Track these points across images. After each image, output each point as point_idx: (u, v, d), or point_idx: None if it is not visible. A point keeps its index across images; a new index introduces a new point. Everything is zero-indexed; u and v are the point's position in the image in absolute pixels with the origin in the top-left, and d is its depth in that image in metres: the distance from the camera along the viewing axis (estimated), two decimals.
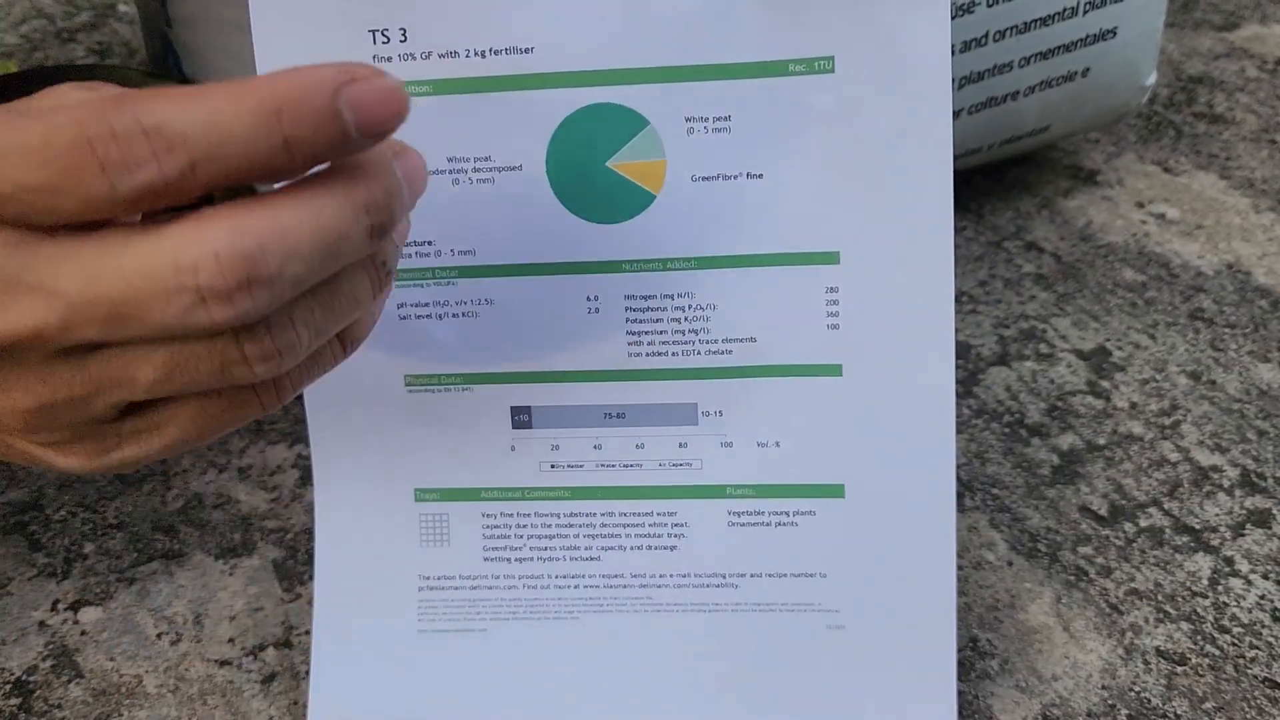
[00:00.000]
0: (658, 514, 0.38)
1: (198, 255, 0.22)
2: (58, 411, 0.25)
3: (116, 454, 0.27)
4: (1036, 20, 0.55)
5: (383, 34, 0.35)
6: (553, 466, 0.38)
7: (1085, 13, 0.56)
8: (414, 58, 0.35)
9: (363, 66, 0.23)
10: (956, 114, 0.57)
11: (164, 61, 0.59)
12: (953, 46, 0.54)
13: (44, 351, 0.23)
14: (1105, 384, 0.54)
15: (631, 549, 0.38)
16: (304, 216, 0.23)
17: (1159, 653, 0.42)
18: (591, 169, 0.36)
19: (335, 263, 0.24)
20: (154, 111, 0.21)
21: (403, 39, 0.35)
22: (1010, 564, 0.46)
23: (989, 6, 0.53)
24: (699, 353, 0.37)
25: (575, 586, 0.39)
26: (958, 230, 0.64)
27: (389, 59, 0.35)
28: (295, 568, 0.46)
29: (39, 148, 0.21)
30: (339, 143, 0.22)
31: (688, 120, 0.35)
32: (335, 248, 0.23)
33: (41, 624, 0.44)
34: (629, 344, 0.37)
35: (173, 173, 0.21)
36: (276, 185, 0.24)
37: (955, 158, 0.59)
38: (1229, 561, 0.46)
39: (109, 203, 0.21)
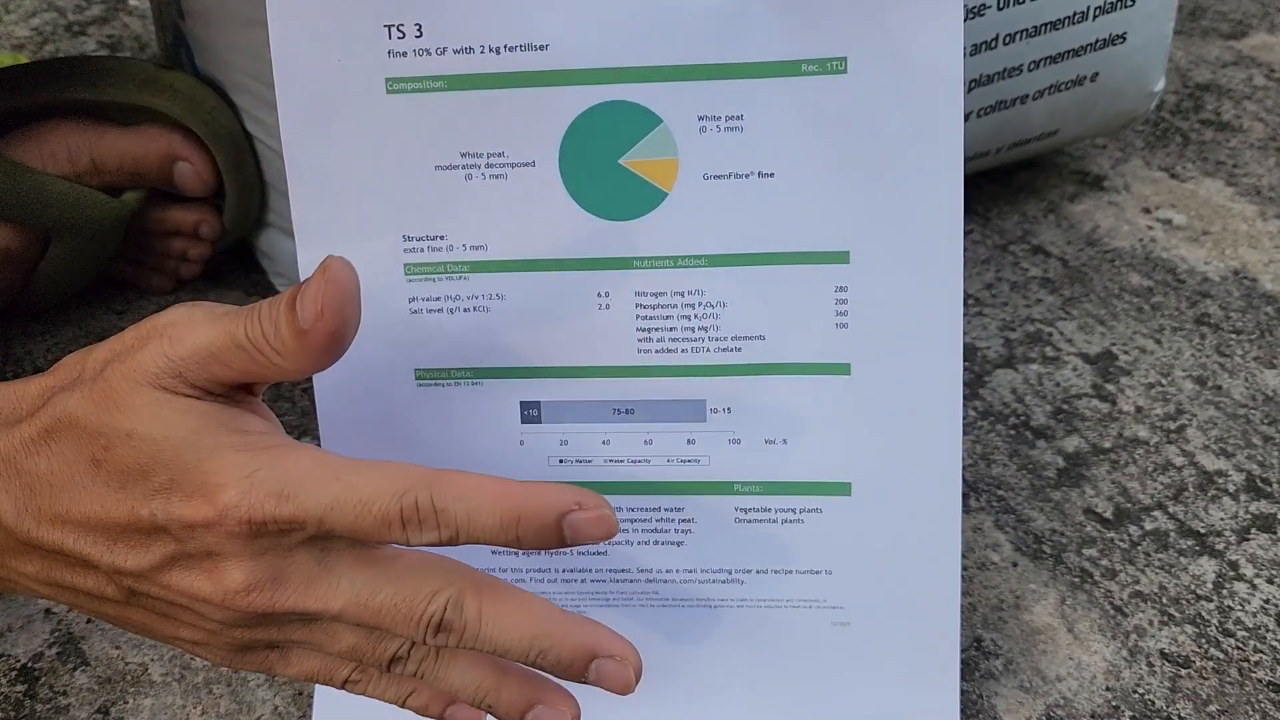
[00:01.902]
0: (665, 509, 0.38)
1: (439, 603, 0.30)
2: (260, 645, 0.32)
3: (250, 665, 0.33)
4: (1046, 24, 0.55)
5: (398, 29, 0.35)
6: (561, 461, 0.38)
7: (1095, 17, 0.56)
8: (429, 53, 0.35)
9: (590, 496, 0.30)
10: (965, 117, 0.57)
11: (176, 55, 0.59)
12: (963, 48, 0.54)
13: (319, 621, 0.31)
14: (1111, 388, 0.54)
15: (639, 544, 0.38)
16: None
17: (1163, 655, 0.42)
18: (604, 166, 0.36)
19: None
20: (443, 496, 0.29)
21: (418, 34, 0.35)
22: (1015, 565, 0.46)
23: (999, 10, 0.54)
24: (708, 350, 0.37)
25: (582, 580, 0.39)
26: (965, 233, 0.64)
27: (404, 54, 0.35)
28: None
29: (365, 504, 0.29)
30: (556, 546, 0.30)
31: (700, 119, 0.35)
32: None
33: (47, 611, 0.45)
34: (639, 340, 0.37)
35: (444, 540, 0.30)
36: None
37: (963, 160, 0.59)
38: (1234, 566, 0.46)
39: (399, 544, 0.30)
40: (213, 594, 0.30)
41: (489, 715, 0.33)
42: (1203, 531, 0.47)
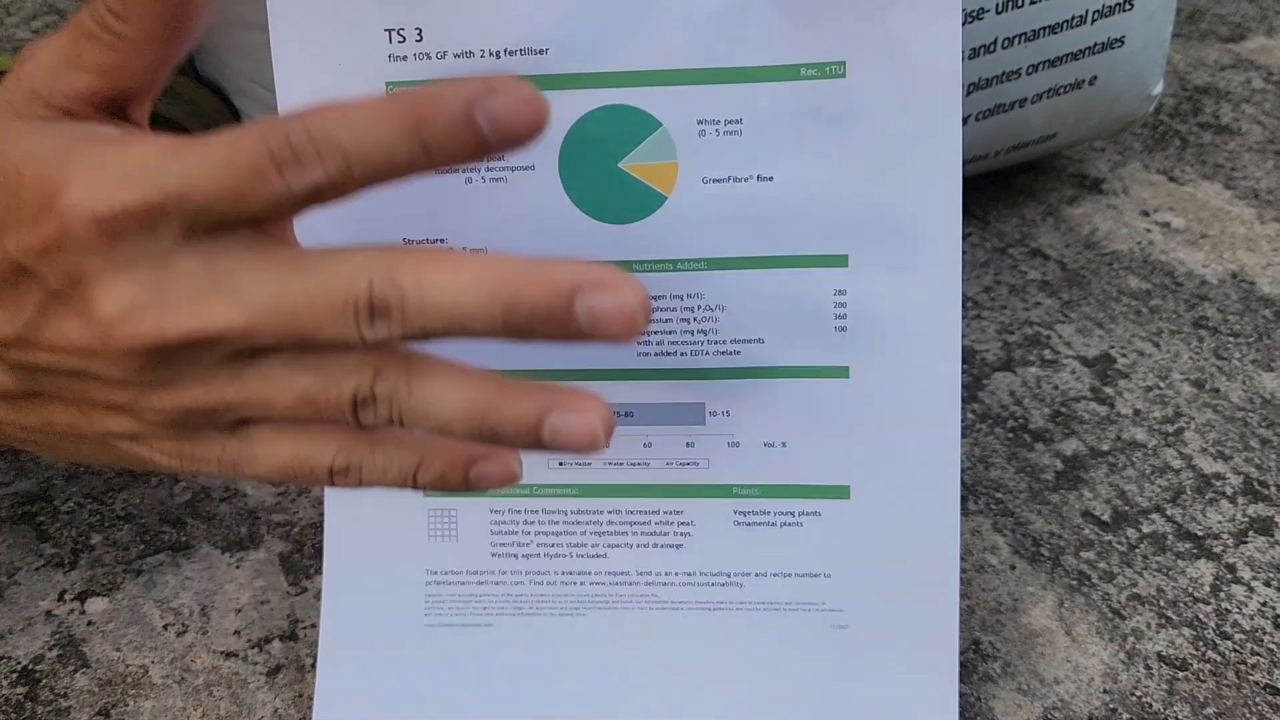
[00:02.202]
0: (664, 512, 0.38)
1: (363, 280, 0.24)
2: (197, 416, 0.27)
3: (210, 463, 0.28)
4: (1045, 28, 0.55)
5: (399, 33, 0.35)
6: (561, 464, 0.38)
7: (1094, 21, 0.56)
8: (429, 57, 0.35)
9: (503, 79, 0.24)
10: (964, 120, 0.57)
11: None
12: (961, 53, 0.54)
13: (217, 355, 0.26)
14: (1109, 390, 0.54)
15: (638, 547, 0.39)
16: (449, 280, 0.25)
17: (1161, 658, 0.43)
18: (604, 170, 0.36)
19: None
20: (317, 120, 0.24)
21: (418, 38, 0.35)
22: (1013, 568, 0.46)
23: (998, 13, 0.54)
24: (707, 353, 0.37)
25: (581, 583, 0.39)
26: (963, 236, 0.64)
27: (404, 58, 0.35)
28: (301, 562, 0.46)
29: (227, 158, 0.24)
30: (477, 148, 0.24)
31: (699, 122, 0.36)
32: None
33: (48, 614, 0.45)
34: (638, 344, 0.37)
35: (334, 174, 0.24)
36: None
37: (962, 164, 0.60)
38: (1231, 568, 0.46)
39: (286, 201, 0.24)
40: (91, 334, 0.25)
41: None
42: (1200, 534, 0.47)
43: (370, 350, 0.26)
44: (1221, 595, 0.45)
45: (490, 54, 0.35)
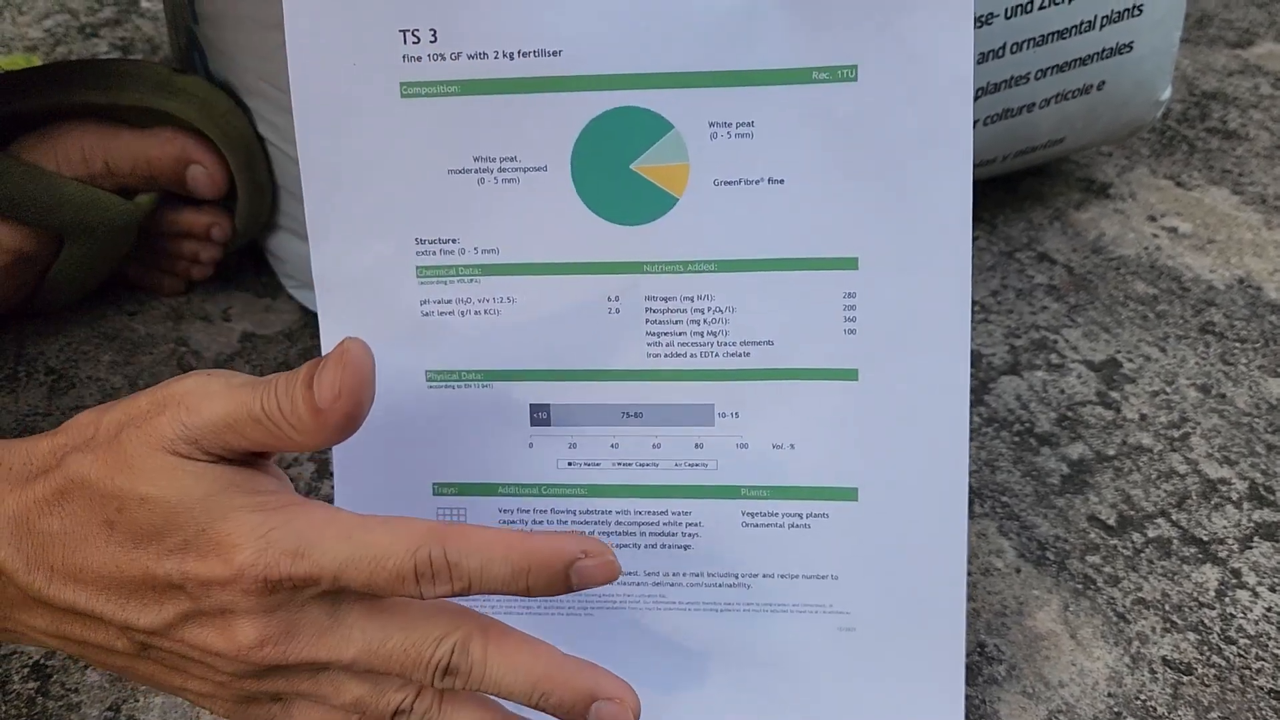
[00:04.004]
0: (672, 513, 0.39)
1: (447, 647, 0.31)
2: (266, 695, 0.33)
3: (254, 718, 0.34)
4: (1054, 33, 0.56)
5: (413, 34, 0.36)
6: (570, 464, 0.39)
7: (1102, 27, 0.56)
8: (443, 58, 0.36)
9: (594, 543, 0.31)
10: (973, 124, 0.58)
11: (189, 58, 0.59)
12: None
13: (327, 671, 0.32)
14: (1115, 395, 0.54)
15: (646, 547, 0.39)
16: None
17: (1165, 662, 0.43)
18: (616, 171, 0.36)
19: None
20: (455, 551, 0.30)
21: (433, 39, 0.36)
22: (1019, 571, 0.46)
23: (1007, 18, 0.54)
24: (717, 354, 0.37)
25: None
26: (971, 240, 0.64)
27: (419, 59, 0.36)
28: None
29: (379, 560, 0.30)
30: (563, 592, 0.32)
31: (711, 125, 0.36)
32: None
33: None
34: (648, 344, 0.37)
35: (457, 590, 0.31)
36: None
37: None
38: (1236, 573, 0.46)
39: (412, 597, 0.31)
40: (226, 649, 0.31)
41: None
42: (1205, 539, 0.47)
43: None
44: (1226, 600, 0.45)
45: (504, 55, 0.35)
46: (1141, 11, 0.57)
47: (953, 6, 0.34)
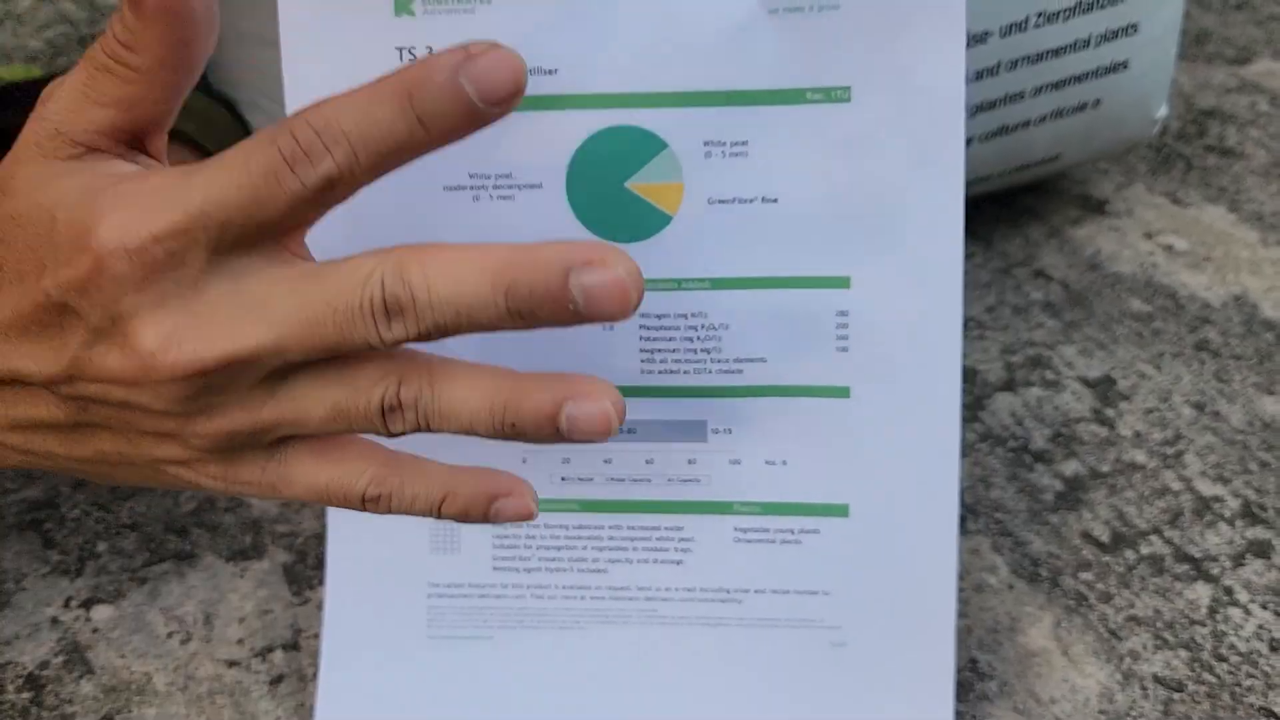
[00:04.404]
0: (665, 528, 0.39)
1: (376, 278, 0.26)
2: (238, 439, 0.29)
3: (251, 485, 0.30)
4: (1049, 51, 0.56)
5: (410, 52, 0.36)
6: (563, 479, 0.39)
7: (1097, 45, 0.57)
8: None
9: (479, 43, 0.26)
10: (968, 141, 0.58)
11: None
12: (966, 75, 0.54)
13: (252, 376, 0.27)
14: (1110, 412, 0.54)
15: (638, 562, 0.39)
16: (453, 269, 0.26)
17: (1157, 679, 0.43)
18: (610, 189, 0.36)
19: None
20: (318, 114, 0.25)
21: None
22: (1011, 587, 0.46)
23: (1002, 36, 0.54)
24: (710, 371, 0.38)
25: (582, 598, 0.39)
26: (967, 257, 0.64)
27: None
28: (304, 572, 0.46)
29: (241, 168, 0.25)
30: (468, 113, 0.26)
31: (706, 144, 0.36)
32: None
33: (54, 620, 0.45)
34: (642, 361, 0.38)
35: (343, 161, 0.25)
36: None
37: (966, 185, 0.60)
38: (1228, 591, 0.46)
39: (302, 199, 0.26)
40: (135, 368, 0.27)
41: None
42: (1198, 557, 0.47)
43: (392, 356, 0.27)
44: (1218, 618, 0.45)
45: None
46: (1137, 30, 0.57)
47: (945, 30, 0.34)
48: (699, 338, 0.37)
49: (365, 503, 0.29)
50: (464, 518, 0.30)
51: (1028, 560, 0.47)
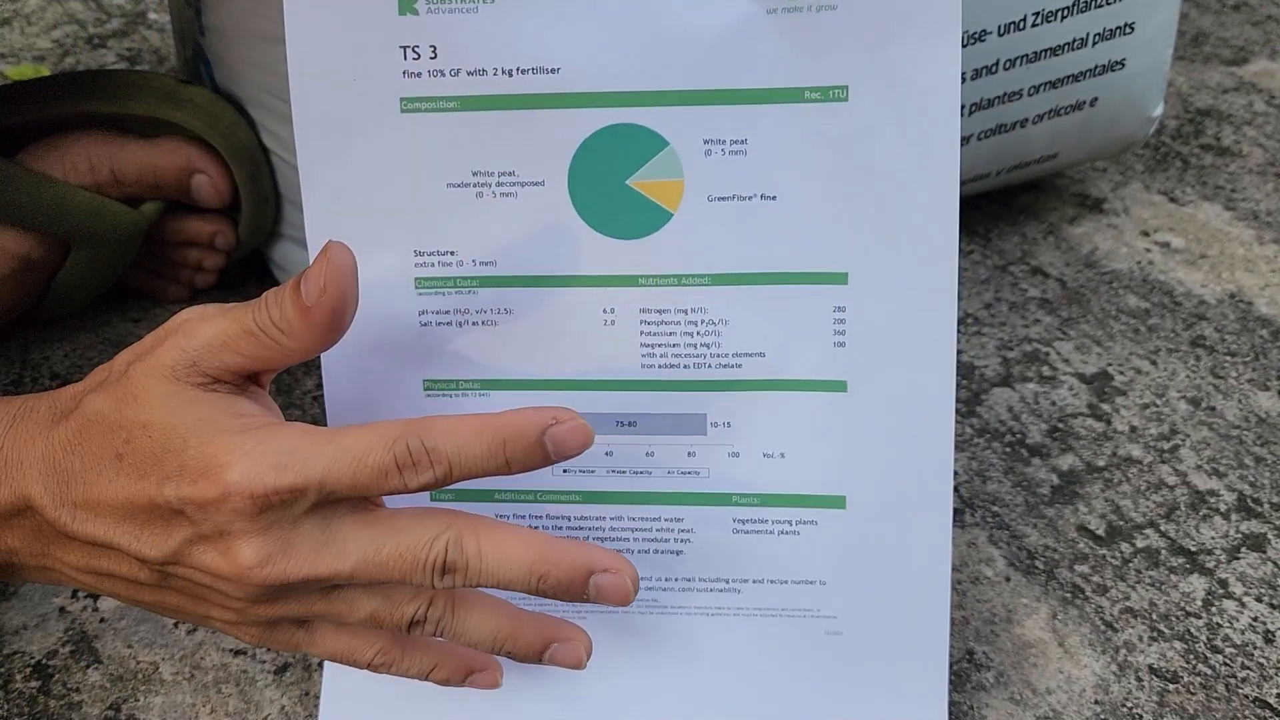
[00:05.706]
0: (665, 519, 0.39)
1: (440, 545, 0.32)
2: (285, 619, 0.34)
3: (279, 645, 0.35)
4: (1046, 50, 0.56)
5: (413, 50, 0.36)
6: (565, 471, 0.39)
7: (1094, 44, 0.57)
8: (443, 74, 0.36)
9: (563, 411, 0.32)
10: (966, 139, 0.58)
11: (195, 69, 0.60)
12: (964, 74, 0.55)
13: (326, 586, 0.33)
14: (1106, 407, 0.55)
15: (639, 552, 0.39)
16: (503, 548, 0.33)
17: (1152, 670, 0.43)
18: (612, 186, 0.37)
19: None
20: (431, 438, 0.32)
21: (433, 55, 0.36)
22: (1008, 580, 0.47)
23: (1000, 35, 0.55)
24: (710, 366, 0.38)
25: None
26: (965, 253, 0.65)
27: (419, 75, 0.36)
28: None
29: (360, 459, 0.31)
30: (543, 462, 0.33)
31: (706, 142, 0.36)
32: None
33: (62, 610, 0.46)
34: (642, 355, 0.38)
35: (440, 476, 0.32)
36: None
37: (964, 182, 0.60)
38: (1223, 584, 0.47)
39: (400, 492, 0.32)
40: (230, 571, 0.32)
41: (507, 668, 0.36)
42: (1193, 550, 0.48)
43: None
44: (1213, 610, 0.46)
45: (503, 72, 0.36)
46: (1133, 29, 0.58)
47: (941, 30, 0.35)
48: (699, 332, 0.38)
49: (371, 666, 0.36)
50: (445, 682, 0.37)
51: (1024, 553, 0.48)
